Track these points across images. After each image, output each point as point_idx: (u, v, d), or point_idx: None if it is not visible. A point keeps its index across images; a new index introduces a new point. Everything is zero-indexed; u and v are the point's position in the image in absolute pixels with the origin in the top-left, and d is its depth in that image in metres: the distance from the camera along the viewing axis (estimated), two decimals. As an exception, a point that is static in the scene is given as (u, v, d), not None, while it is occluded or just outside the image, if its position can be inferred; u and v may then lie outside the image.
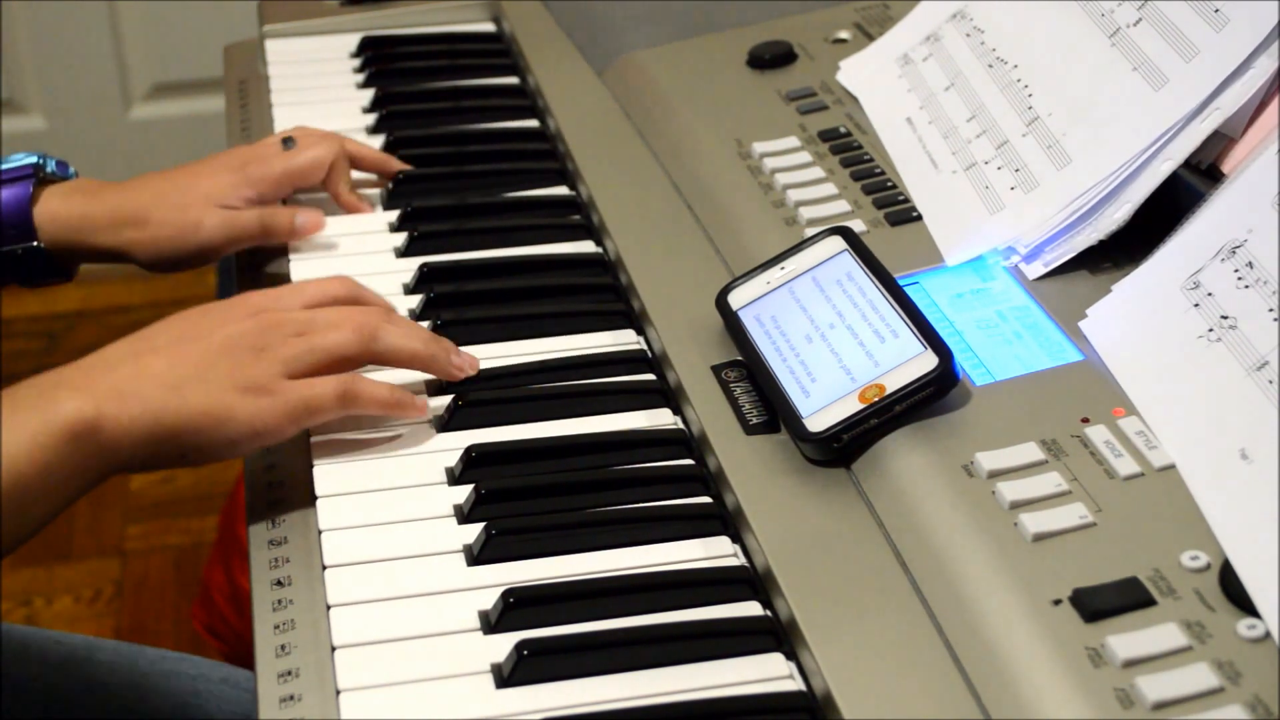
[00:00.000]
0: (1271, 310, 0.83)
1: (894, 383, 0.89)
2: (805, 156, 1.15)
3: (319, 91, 1.43)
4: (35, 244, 1.15)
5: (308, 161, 1.21)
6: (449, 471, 0.95)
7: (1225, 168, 0.96)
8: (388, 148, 1.32)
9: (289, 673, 0.82)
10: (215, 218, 1.17)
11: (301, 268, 1.17)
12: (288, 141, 1.23)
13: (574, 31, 1.45)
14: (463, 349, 1.03)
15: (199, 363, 0.91)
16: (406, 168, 1.27)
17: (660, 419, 1.00)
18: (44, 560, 2.22)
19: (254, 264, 1.21)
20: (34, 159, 1.18)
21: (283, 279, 1.17)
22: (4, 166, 1.17)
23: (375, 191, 1.28)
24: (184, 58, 2.75)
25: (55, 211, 1.15)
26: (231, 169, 1.20)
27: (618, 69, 1.36)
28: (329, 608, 0.86)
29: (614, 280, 1.14)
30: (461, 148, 1.34)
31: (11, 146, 2.60)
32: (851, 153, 1.15)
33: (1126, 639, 0.73)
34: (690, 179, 1.19)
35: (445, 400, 1.00)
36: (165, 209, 1.16)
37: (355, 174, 1.26)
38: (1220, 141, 0.97)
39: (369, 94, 1.42)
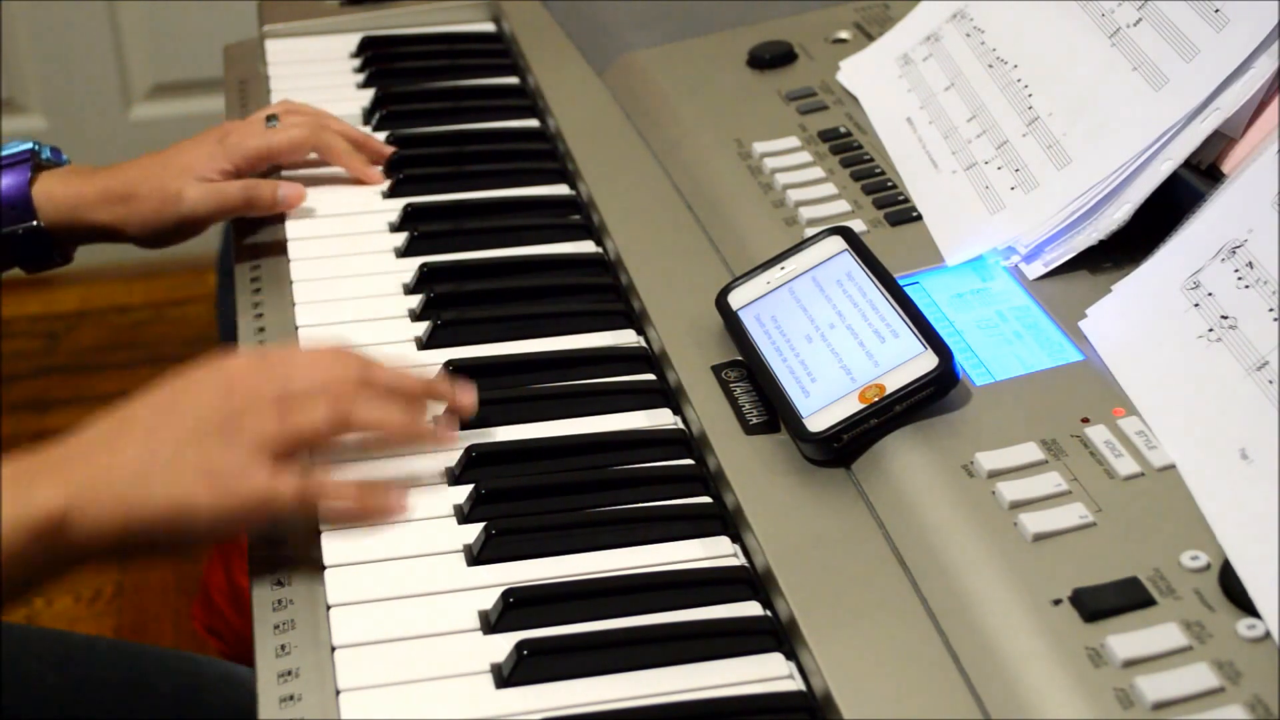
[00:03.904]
0: (1271, 310, 0.83)
1: (894, 383, 0.89)
2: (805, 156, 1.15)
3: (319, 92, 1.43)
4: (35, 224, 1.18)
5: (284, 141, 1.24)
6: (449, 471, 0.95)
7: (1225, 168, 0.96)
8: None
9: (289, 673, 0.82)
10: (196, 189, 1.19)
11: (302, 269, 1.17)
12: (271, 119, 1.26)
13: (574, 31, 1.45)
14: (462, 363, 1.01)
15: (170, 449, 0.87)
16: (389, 150, 1.30)
17: (660, 419, 1.00)
18: (44, 560, 2.21)
19: (255, 265, 1.21)
20: (30, 145, 1.21)
21: (283, 280, 1.17)
22: (3, 153, 1.20)
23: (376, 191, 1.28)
24: (184, 58, 2.75)
25: (52, 192, 1.19)
26: (212, 141, 1.23)
27: (618, 69, 1.36)
28: (329, 608, 0.86)
29: (614, 280, 1.14)
30: (461, 148, 1.34)
31: (11, 146, 2.61)
32: (851, 153, 1.15)
33: (1126, 639, 0.73)
34: (690, 179, 1.19)
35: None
36: (150, 183, 1.20)
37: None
38: (1220, 141, 0.97)
39: (369, 94, 1.42)
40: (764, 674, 0.81)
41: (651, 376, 1.04)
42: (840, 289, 0.97)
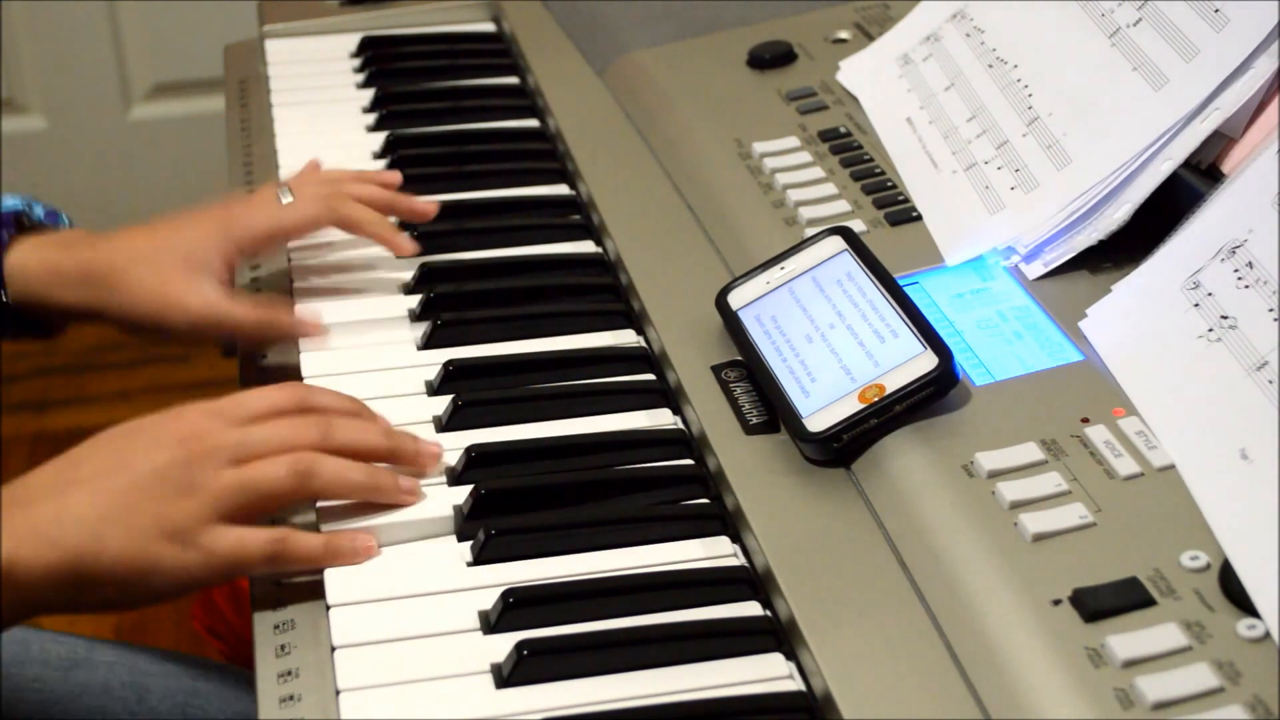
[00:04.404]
0: (1271, 310, 0.83)
1: (894, 383, 0.89)
2: (805, 156, 1.15)
3: (319, 91, 1.43)
4: (2, 298, 1.06)
5: (296, 221, 1.11)
6: (449, 471, 0.95)
7: (1225, 168, 0.96)
8: (388, 147, 1.32)
9: (289, 673, 0.82)
10: (200, 299, 1.04)
11: (301, 267, 1.17)
12: (284, 191, 1.12)
13: (574, 31, 1.45)
14: (430, 439, 0.96)
15: (123, 501, 0.84)
16: (426, 207, 1.18)
17: (660, 419, 1.00)
18: (44, 560, 2.21)
19: (255, 267, 1.20)
20: (19, 205, 1.10)
21: (282, 282, 1.17)
22: None
23: None
24: (184, 58, 2.75)
25: (25, 263, 1.06)
26: (215, 223, 1.09)
27: (618, 69, 1.36)
28: (329, 608, 0.86)
29: (614, 280, 1.14)
30: (461, 148, 1.34)
31: (11, 146, 2.60)
32: (851, 153, 1.15)
33: (1126, 639, 0.73)
34: (690, 179, 1.19)
35: (446, 399, 1.01)
36: (142, 270, 1.05)
37: None
38: (1220, 141, 0.97)
39: (369, 94, 1.42)
40: (764, 674, 0.81)
41: (651, 376, 1.04)
42: (840, 289, 0.97)
